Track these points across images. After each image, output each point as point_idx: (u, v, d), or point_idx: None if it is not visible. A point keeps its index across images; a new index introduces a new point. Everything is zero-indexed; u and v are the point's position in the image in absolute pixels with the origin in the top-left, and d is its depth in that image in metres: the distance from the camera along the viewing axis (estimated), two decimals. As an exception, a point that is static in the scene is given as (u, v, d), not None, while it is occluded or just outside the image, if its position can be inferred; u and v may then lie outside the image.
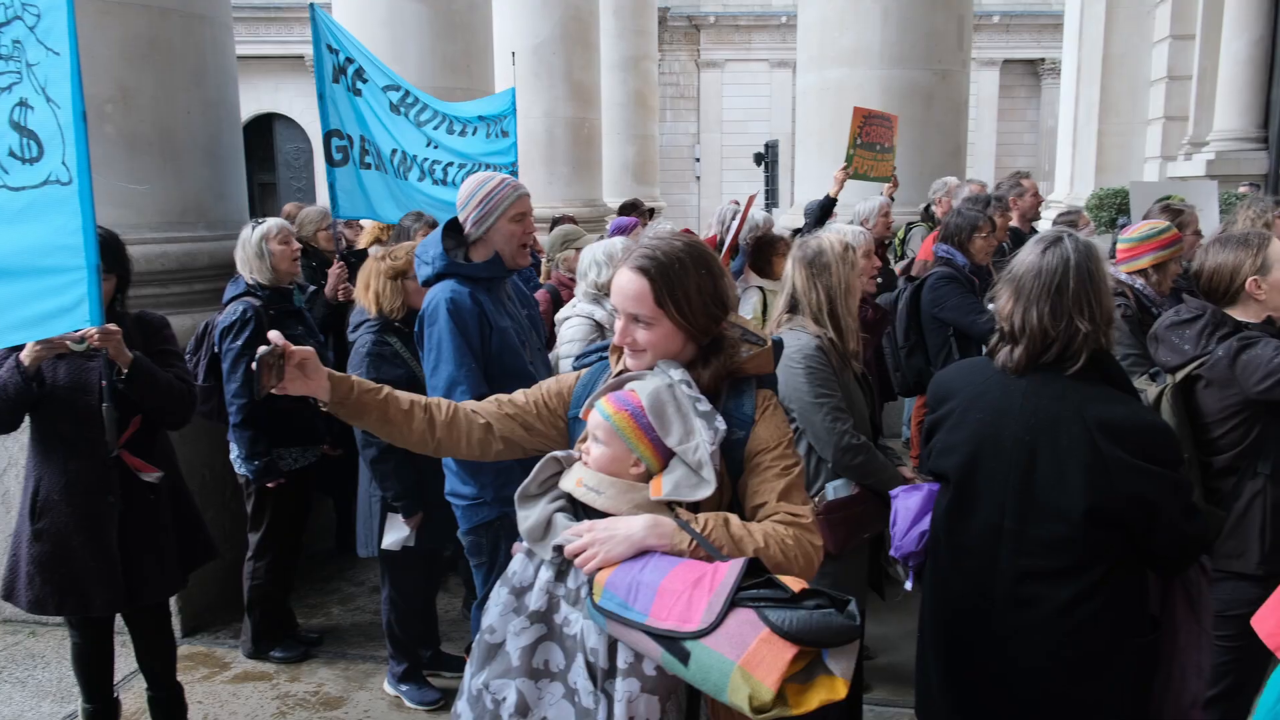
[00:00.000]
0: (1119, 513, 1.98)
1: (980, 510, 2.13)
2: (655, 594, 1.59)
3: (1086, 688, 2.05)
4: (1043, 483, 2.03)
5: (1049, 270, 2.05)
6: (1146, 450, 1.98)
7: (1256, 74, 10.43)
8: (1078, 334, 2.03)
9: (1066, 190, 14.23)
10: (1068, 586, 2.02)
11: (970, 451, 2.15)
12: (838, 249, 2.93)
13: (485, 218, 3.13)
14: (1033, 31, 25.88)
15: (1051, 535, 2.03)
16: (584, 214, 10.36)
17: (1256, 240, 2.75)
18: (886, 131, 6.16)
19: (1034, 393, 2.07)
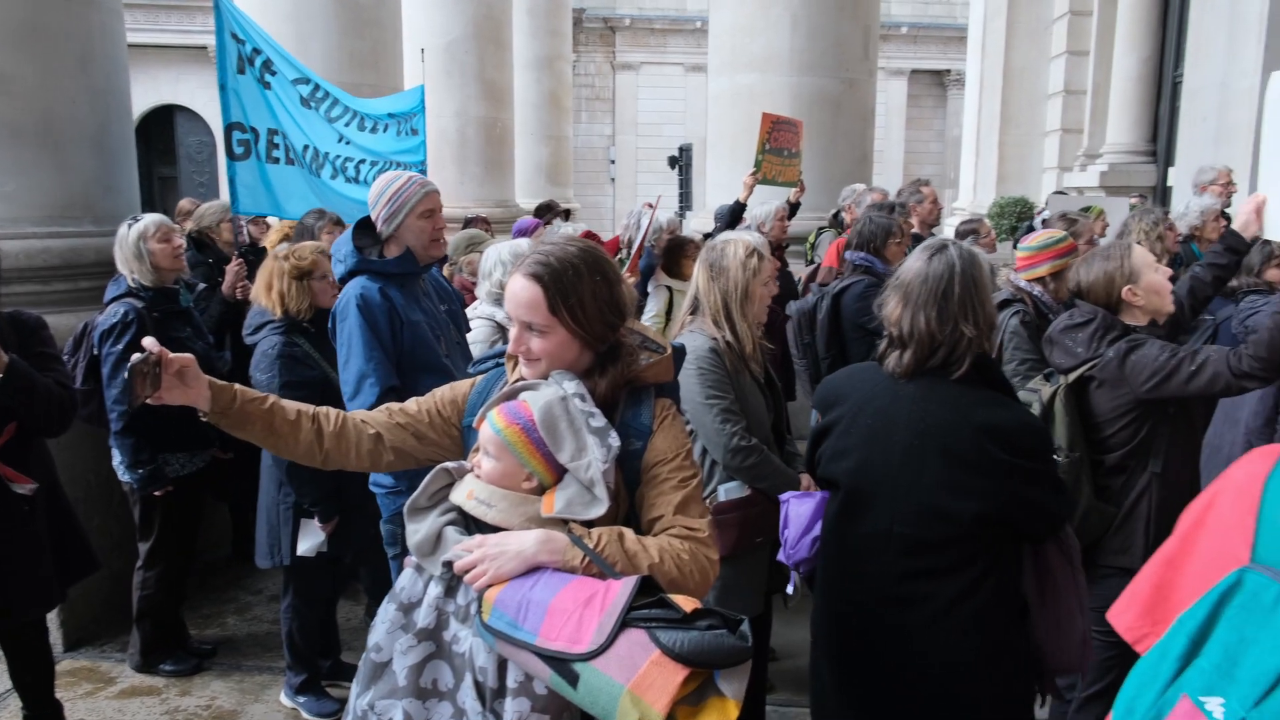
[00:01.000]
0: (1006, 512, 2.04)
1: (870, 514, 2.16)
2: (545, 613, 1.55)
3: (976, 680, 2.10)
4: (933, 487, 2.07)
5: (935, 276, 2.11)
6: (1029, 451, 2.05)
7: (1146, 90, 10.91)
8: (962, 339, 2.08)
9: (970, 198, 14.66)
10: (953, 583, 2.07)
11: (860, 457, 2.18)
12: (739, 253, 2.95)
13: (395, 215, 3.17)
14: (939, 43, 26.62)
15: (940, 537, 2.07)
16: (496, 214, 10.25)
17: (1119, 252, 2.87)
18: (793, 137, 6.24)
19: (922, 398, 2.11)
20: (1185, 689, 1.16)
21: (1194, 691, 1.15)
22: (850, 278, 4.54)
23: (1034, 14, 13.34)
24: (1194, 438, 2.94)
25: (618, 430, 1.77)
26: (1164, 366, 2.64)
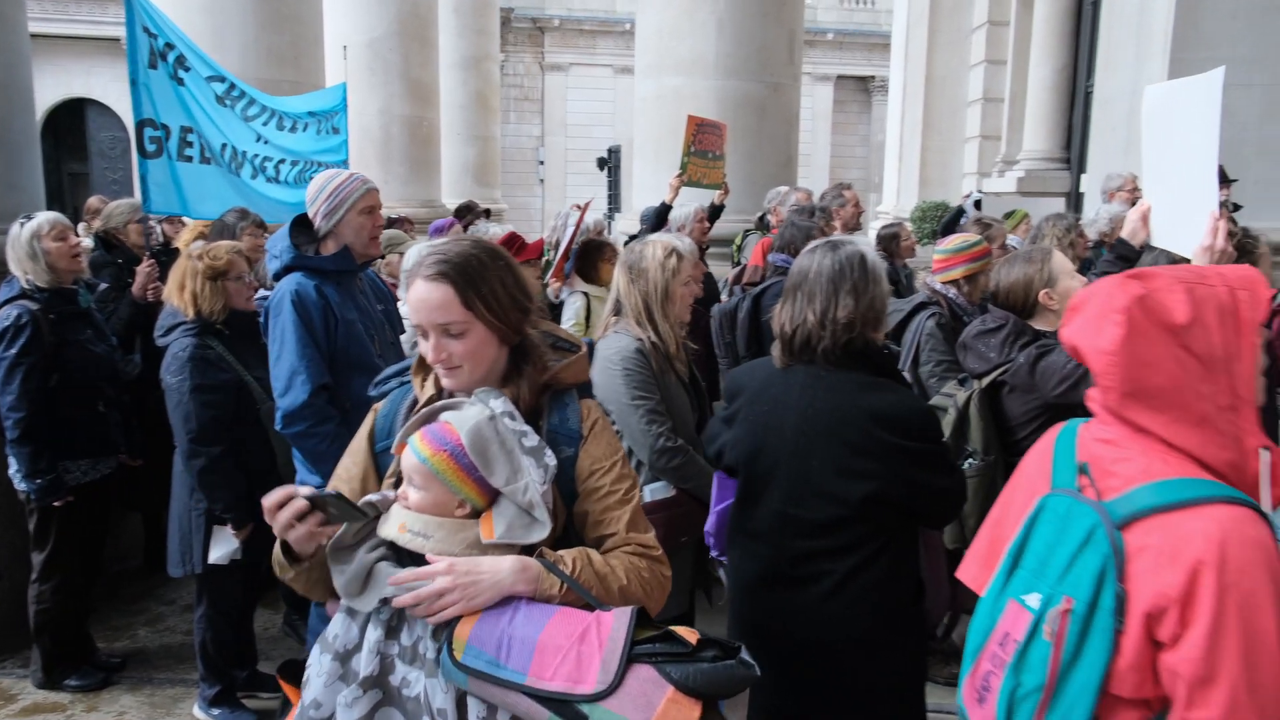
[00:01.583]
0: (890, 491, 2.13)
1: (766, 498, 2.26)
2: (534, 650, 1.46)
3: (870, 658, 2.19)
4: (822, 469, 2.16)
5: (821, 271, 2.22)
6: (912, 432, 2.15)
7: (1060, 99, 11.26)
8: (844, 328, 2.18)
9: (894, 202, 14.94)
10: (845, 562, 2.16)
11: (755, 443, 2.28)
12: (658, 254, 2.98)
13: (334, 211, 3.16)
14: (864, 50, 27.11)
15: (830, 518, 2.16)
16: (421, 215, 10.11)
17: (1040, 256, 2.95)
18: (718, 139, 6.28)
19: (810, 385, 2.21)
20: (1010, 594, 1.48)
21: (1017, 594, 1.47)
22: (772, 279, 4.59)
23: (954, 23, 13.66)
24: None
25: (546, 438, 1.71)
26: (1072, 373, 2.72)
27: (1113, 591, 1.35)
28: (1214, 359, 1.42)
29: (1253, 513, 1.35)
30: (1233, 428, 1.41)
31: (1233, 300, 1.45)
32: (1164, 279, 1.46)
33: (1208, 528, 1.32)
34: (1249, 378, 1.43)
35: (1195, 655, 1.29)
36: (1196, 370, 1.41)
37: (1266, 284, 1.48)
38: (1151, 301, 1.43)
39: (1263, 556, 1.30)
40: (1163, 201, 2.84)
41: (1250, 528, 1.32)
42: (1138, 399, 1.43)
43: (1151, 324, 1.42)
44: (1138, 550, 1.36)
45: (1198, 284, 1.45)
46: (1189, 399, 1.40)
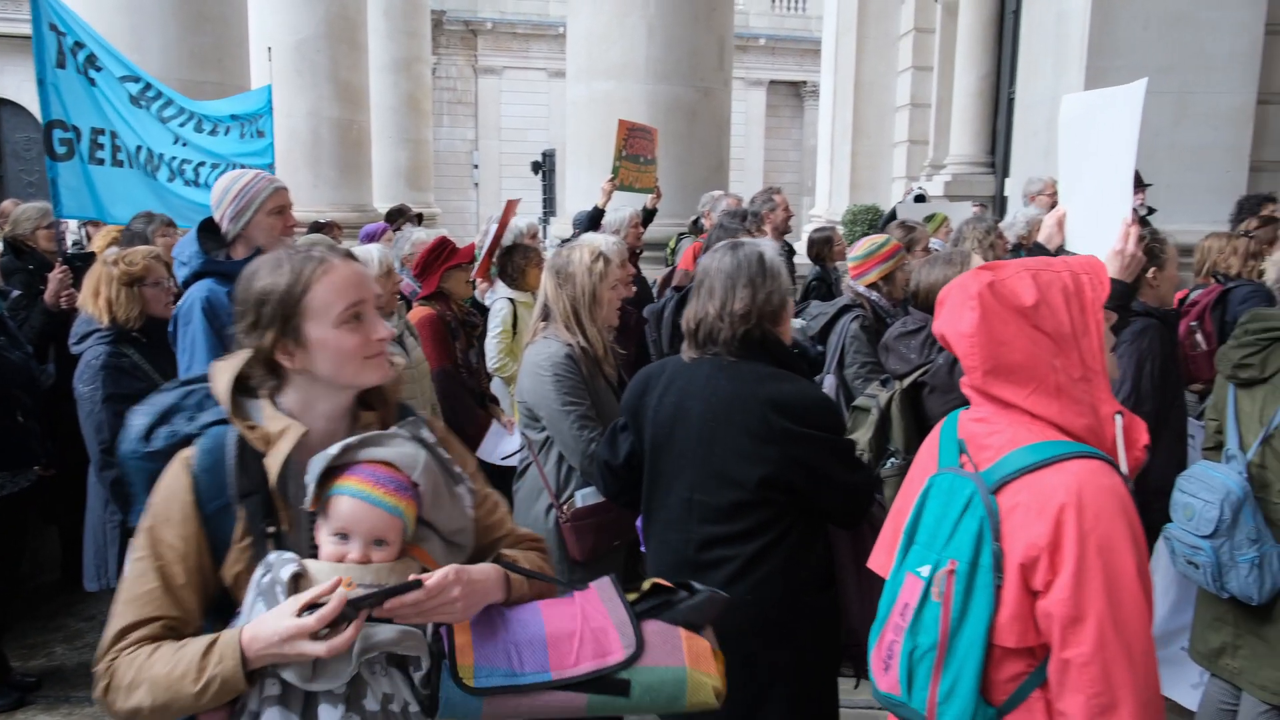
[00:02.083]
0: (788, 477, 2.20)
1: (674, 486, 2.34)
2: (546, 646, 1.49)
3: (771, 645, 2.24)
4: (722, 455, 2.25)
5: (722, 269, 2.32)
6: (809, 420, 2.23)
7: (985, 105, 11.52)
8: (743, 320, 2.27)
9: (826, 205, 15.16)
10: (746, 547, 2.23)
11: (665, 434, 2.36)
12: (585, 258, 2.97)
13: (242, 213, 3.07)
14: (796, 55, 27.43)
15: (730, 502, 2.24)
16: (352, 219, 9.99)
17: (959, 258, 3.03)
18: (649, 144, 6.31)
19: (714, 374, 2.30)
20: (907, 568, 1.60)
21: (912, 567, 1.59)
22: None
23: (882, 30, 13.91)
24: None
25: None
26: None
27: (990, 549, 1.47)
28: (1063, 335, 1.55)
29: (1105, 464, 1.50)
30: (1088, 396, 1.55)
31: (1076, 283, 1.58)
32: (1012, 268, 1.60)
33: (1067, 480, 1.46)
34: (1097, 351, 1.56)
35: (1064, 596, 1.42)
36: (1048, 346, 1.54)
37: (1106, 270, 1.63)
38: (1001, 287, 1.56)
39: (1117, 502, 1.45)
40: (1078, 207, 2.93)
41: (1104, 477, 1.47)
42: (998, 375, 1.56)
43: (1002, 306, 1.55)
44: (1010, 509, 1.49)
45: (1043, 270, 1.59)
46: (1044, 372, 1.54)
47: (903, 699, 1.56)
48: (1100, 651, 1.40)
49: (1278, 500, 2.63)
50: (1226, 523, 2.59)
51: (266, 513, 1.51)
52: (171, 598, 1.48)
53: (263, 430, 1.53)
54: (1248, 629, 2.71)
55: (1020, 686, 1.49)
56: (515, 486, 3.15)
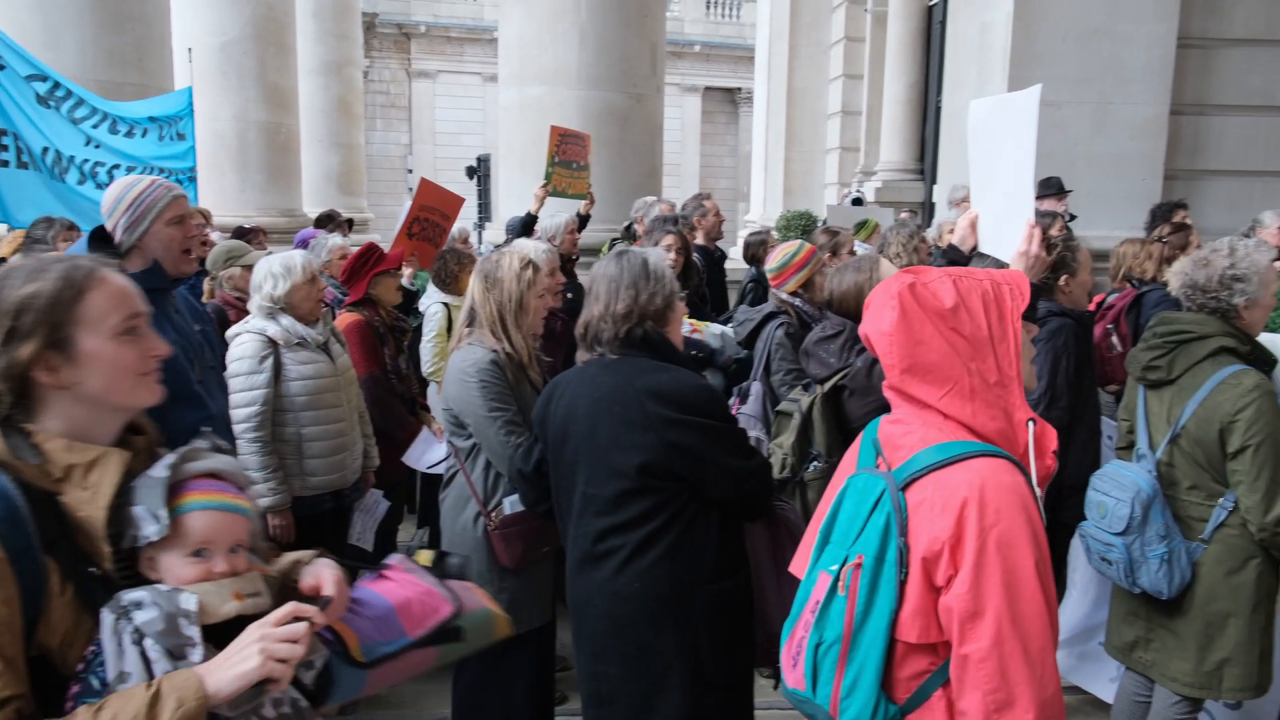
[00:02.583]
0: (668, 463, 2.26)
1: (570, 482, 2.42)
2: (397, 616, 1.65)
3: (662, 634, 2.29)
4: (605, 447, 2.32)
5: (609, 274, 2.42)
6: (685, 406, 2.30)
7: (913, 113, 11.75)
8: (625, 319, 2.36)
9: (760, 211, 15.31)
10: (632, 536, 2.29)
11: (560, 435, 2.45)
12: (514, 265, 2.97)
13: (137, 223, 2.85)
14: (730, 62, 27.68)
15: (616, 492, 2.31)
16: (281, 224, 9.80)
17: (868, 264, 3.08)
18: (581, 150, 6.30)
19: (598, 374, 2.40)
20: (821, 566, 1.62)
21: (825, 565, 1.60)
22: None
23: (813, 38, 14.10)
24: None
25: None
26: None
27: (895, 544, 1.50)
28: (980, 339, 1.58)
29: (1009, 463, 1.54)
30: (1002, 401, 1.58)
31: (997, 291, 1.62)
32: (935, 273, 1.65)
33: (970, 477, 1.50)
34: (1013, 358, 1.59)
35: (964, 591, 1.45)
36: (965, 349, 1.58)
37: (1028, 282, 1.67)
38: (922, 289, 1.61)
39: (1017, 499, 1.48)
40: (988, 210, 3.00)
41: (1006, 475, 1.51)
42: (915, 374, 1.59)
43: (922, 307, 1.59)
44: (916, 505, 1.52)
45: (964, 277, 1.64)
46: (959, 373, 1.57)
47: (808, 694, 1.57)
48: (997, 647, 1.42)
49: (1185, 498, 2.71)
50: (1137, 520, 2.67)
51: (80, 556, 1.35)
52: (13, 674, 1.27)
53: (50, 464, 1.36)
54: (1159, 623, 2.79)
55: (923, 685, 1.52)
56: (441, 495, 3.12)
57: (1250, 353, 2.70)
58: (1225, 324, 2.69)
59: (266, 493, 3.42)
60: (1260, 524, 2.55)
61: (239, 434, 3.38)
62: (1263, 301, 2.69)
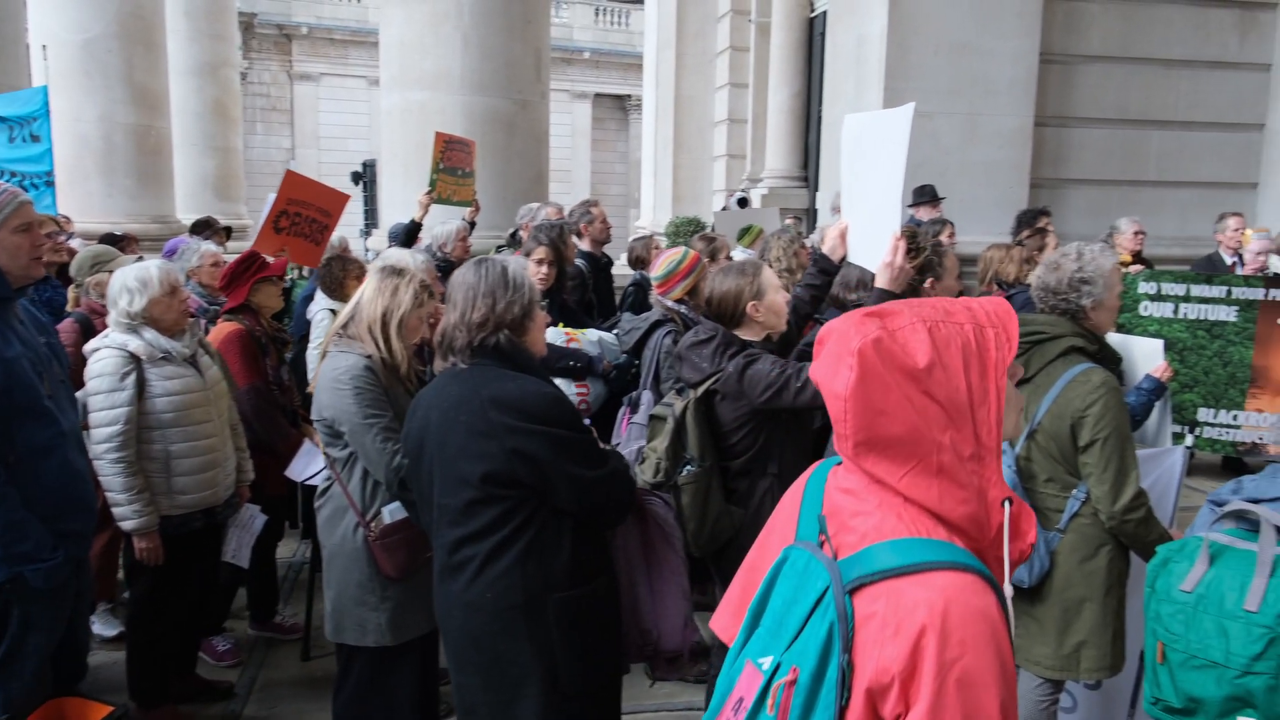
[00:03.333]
0: (511, 471, 2.26)
1: (430, 492, 2.41)
2: None
3: (516, 643, 2.30)
4: (454, 456, 2.32)
5: (466, 282, 2.41)
6: (529, 414, 2.29)
7: (797, 122, 12.02)
8: (480, 327, 2.37)
9: (651, 217, 15.42)
10: (482, 545, 2.30)
11: (417, 446, 2.43)
12: (415, 283, 2.97)
13: None
14: (620, 69, 27.85)
15: (465, 501, 2.31)
16: (153, 231, 9.40)
17: (752, 269, 3.13)
18: (466, 156, 6.25)
19: (448, 383, 2.40)
20: (748, 655, 1.35)
21: (754, 656, 1.33)
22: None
23: (699, 47, 14.30)
24: (807, 441, 3.25)
25: None
26: (775, 380, 2.91)
27: (837, 662, 1.24)
28: (958, 405, 1.30)
29: (979, 580, 1.25)
30: (976, 478, 1.31)
31: (980, 339, 1.32)
32: (905, 316, 1.33)
33: (931, 597, 1.21)
34: (994, 424, 1.32)
35: None
36: (938, 418, 1.29)
37: (1016, 319, 1.38)
38: (889, 343, 1.30)
39: (987, 629, 1.21)
40: (858, 221, 3.09)
41: (975, 597, 1.22)
42: (873, 448, 1.30)
43: (888, 367, 1.28)
44: (865, 618, 1.24)
45: (942, 322, 1.33)
46: (928, 449, 1.29)
47: None
48: None
49: (1043, 490, 2.85)
50: (999, 513, 2.78)
51: None
52: None
53: None
54: (1022, 610, 2.91)
55: None
56: (317, 505, 3.04)
57: (1098, 351, 2.85)
58: (1075, 324, 2.83)
59: (131, 515, 3.29)
60: (1109, 512, 2.70)
61: (99, 455, 3.23)
62: (1108, 303, 2.85)
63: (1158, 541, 2.61)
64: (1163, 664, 2.07)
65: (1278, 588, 1.89)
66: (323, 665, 3.99)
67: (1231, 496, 2.14)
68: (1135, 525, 2.70)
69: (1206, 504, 2.23)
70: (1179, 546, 2.15)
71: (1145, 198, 8.41)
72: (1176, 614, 2.04)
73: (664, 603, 2.51)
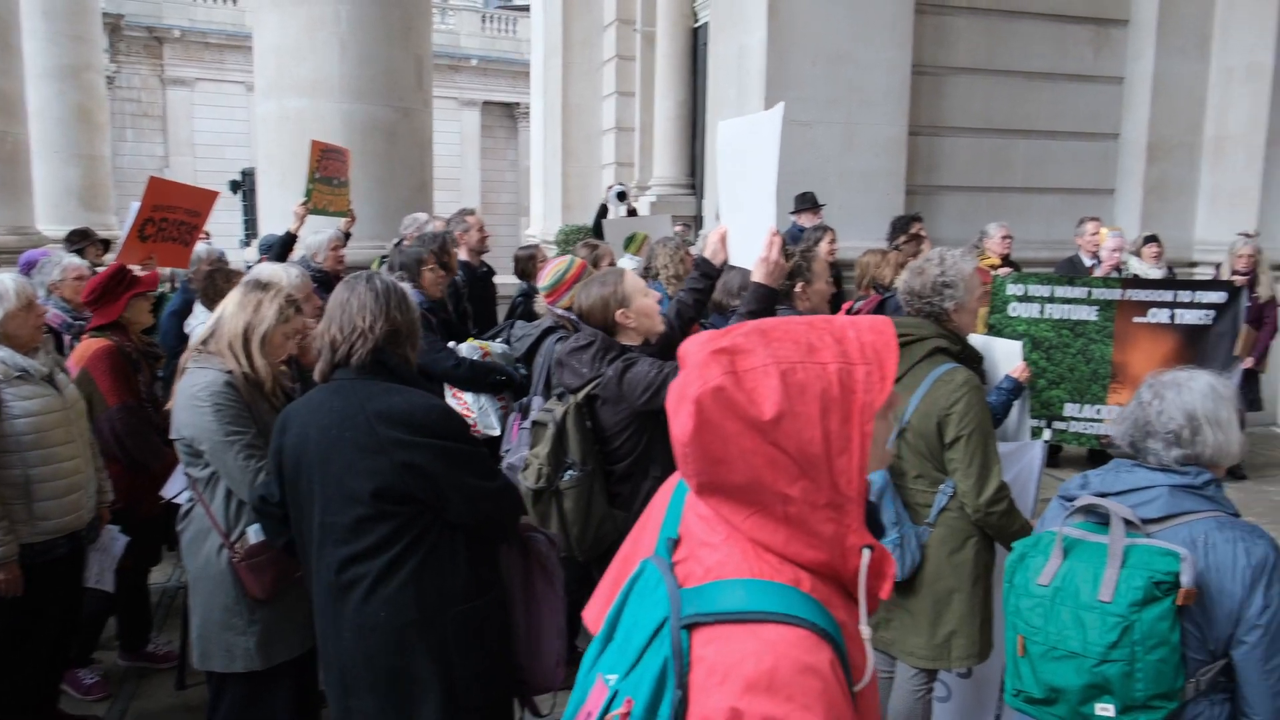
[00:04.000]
0: (403, 486, 2.24)
1: (308, 512, 2.35)
2: None
3: (413, 660, 2.27)
4: (340, 473, 2.27)
5: (346, 298, 2.39)
6: (417, 427, 2.27)
7: (683, 130, 12.18)
8: (364, 344, 2.33)
9: (541, 226, 15.37)
10: (374, 563, 2.26)
11: (294, 464, 2.35)
12: (279, 299, 2.90)
13: None
14: (508, 77, 27.68)
15: (354, 518, 2.26)
16: (10, 243, 8.87)
17: (613, 278, 3.18)
18: (341, 165, 6.11)
19: (329, 399, 2.34)
20: (599, 669, 1.29)
21: (604, 670, 1.28)
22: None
23: (586, 56, 14.33)
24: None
25: None
26: (654, 381, 2.94)
27: (670, 699, 1.18)
28: (811, 458, 1.20)
29: (813, 636, 1.18)
30: (832, 525, 1.22)
31: (845, 383, 1.22)
32: (758, 357, 1.22)
33: (759, 651, 1.15)
34: (854, 473, 1.21)
35: None
36: (787, 468, 1.20)
37: (895, 350, 1.26)
38: (733, 393, 1.20)
39: (816, 685, 1.14)
40: (737, 224, 3.15)
41: (807, 654, 1.16)
42: (715, 491, 1.24)
43: (728, 417, 1.19)
44: (698, 659, 1.19)
45: (801, 364, 1.22)
46: (772, 500, 1.21)
47: None
48: None
49: (913, 486, 2.95)
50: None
51: None
52: None
53: None
54: (896, 603, 3.01)
55: None
56: (180, 528, 2.93)
57: (961, 352, 2.98)
58: (939, 326, 2.95)
59: (-12, 545, 3.10)
60: (975, 505, 2.82)
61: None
62: (969, 305, 2.97)
63: (1020, 532, 2.74)
64: (1023, 656, 2.14)
65: (1129, 578, 1.98)
66: (199, 694, 3.81)
67: (1080, 491, 2.24)
68: (999, 517, 2.82)
69: (1056, 498, 2.34)
70: (1034, 542, 2.25)
71: (1013, 203, 8.80)
72: (1035, 607, 2.12)
73: (539, 640, 2.50)
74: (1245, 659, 1.97)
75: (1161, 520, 2.07)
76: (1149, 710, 1.97)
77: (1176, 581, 1.93)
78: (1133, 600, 1.95)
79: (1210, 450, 2.10)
